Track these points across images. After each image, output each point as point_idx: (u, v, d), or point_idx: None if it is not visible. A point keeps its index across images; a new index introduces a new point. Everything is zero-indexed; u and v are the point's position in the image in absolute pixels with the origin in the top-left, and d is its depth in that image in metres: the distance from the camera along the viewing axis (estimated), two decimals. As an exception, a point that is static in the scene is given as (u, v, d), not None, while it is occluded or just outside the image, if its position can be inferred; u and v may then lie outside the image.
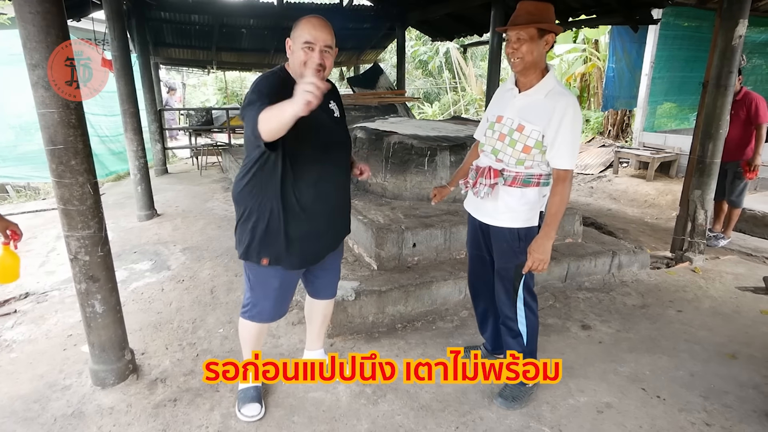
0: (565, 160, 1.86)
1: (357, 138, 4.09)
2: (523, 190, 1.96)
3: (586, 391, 2.27)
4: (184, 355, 2.56)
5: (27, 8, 1.73)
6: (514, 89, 1.96)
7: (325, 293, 2.23)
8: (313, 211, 1.85)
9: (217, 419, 2.07)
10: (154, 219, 5.09)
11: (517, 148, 1.90)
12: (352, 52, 11.30)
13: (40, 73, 1.78)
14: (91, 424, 2.01)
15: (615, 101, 9.45)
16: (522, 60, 1.82)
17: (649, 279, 3.61)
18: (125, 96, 4.86)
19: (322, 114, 1.82)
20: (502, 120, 1.96)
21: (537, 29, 1.79)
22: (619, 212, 6.14)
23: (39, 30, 1.75)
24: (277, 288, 1.96)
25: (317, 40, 1.71)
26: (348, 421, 2.08)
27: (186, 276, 3.56)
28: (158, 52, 9.55)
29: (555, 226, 1.91)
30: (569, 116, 1.82)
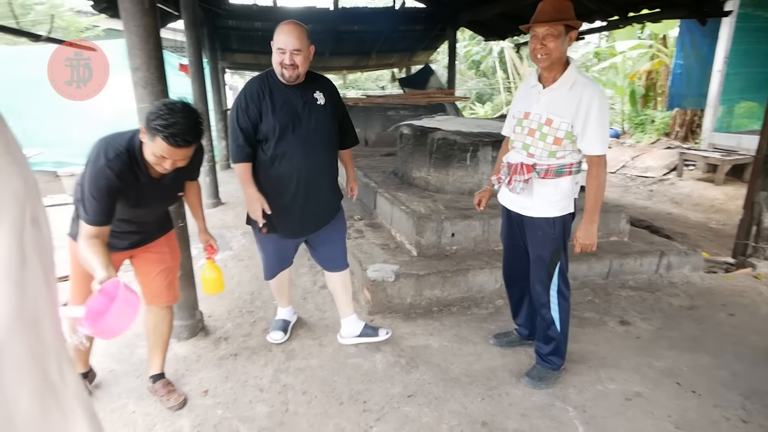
0: (597, 147, 1.98)
1: (403, 134, 4.32)
2: (556, 180, 2.08)
3: (616, 380, 2.36)
4: (243, 320, 2.92)
5: (132, 22, 2.11)
6: (537, 85, 2.08)
7: (332, 266, 2.57)
8: (281, 195, 2.25)
9: (270, 373, 2.39)
10: (219, 207, 5.61)
11: (548, 141, 2.02)
12: (404, 53, 11.53)
13: (140, 74, 2.16)
14: (169, 367, 2.38)
15: (682, 100, 8.98)
16: (549, 56, 1.94)
17: (702, 282, 3.55)
18: (198, 96, 5.37)
19: (299, 104, 2.21)
20: (530, 116, 2.08)
21: (564, 26, 1.90)
22: (680, 216, 5.94)
23: (140, 39, 2.13)
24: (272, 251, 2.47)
25: (287, 45, 2.10)
26: (382, 384, 2.32)
27: (245, 256, 3.97)
28: (225, 57, 10.24)
29: (597, 210, 2.05)
30: (596, 105, 1.92)
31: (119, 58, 6.50)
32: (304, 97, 2.22)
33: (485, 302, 3.15)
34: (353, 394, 2.25)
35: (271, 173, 2.23)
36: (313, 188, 2.30)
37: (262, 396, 2.24)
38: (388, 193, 3.90)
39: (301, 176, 2.24)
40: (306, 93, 2.23)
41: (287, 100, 2.18)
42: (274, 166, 2.21)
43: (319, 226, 2.42)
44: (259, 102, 2.16)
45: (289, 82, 2.17)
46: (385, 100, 8.32)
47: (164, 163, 1.74)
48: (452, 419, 2.08)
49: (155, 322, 2.22)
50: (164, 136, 1.64)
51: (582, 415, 2.11)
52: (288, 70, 2.12)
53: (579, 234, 2.08)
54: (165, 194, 2.00)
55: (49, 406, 1.12)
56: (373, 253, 3.36)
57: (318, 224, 2.42)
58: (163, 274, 2.17)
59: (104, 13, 5.87)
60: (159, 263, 2.16)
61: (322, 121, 2.27)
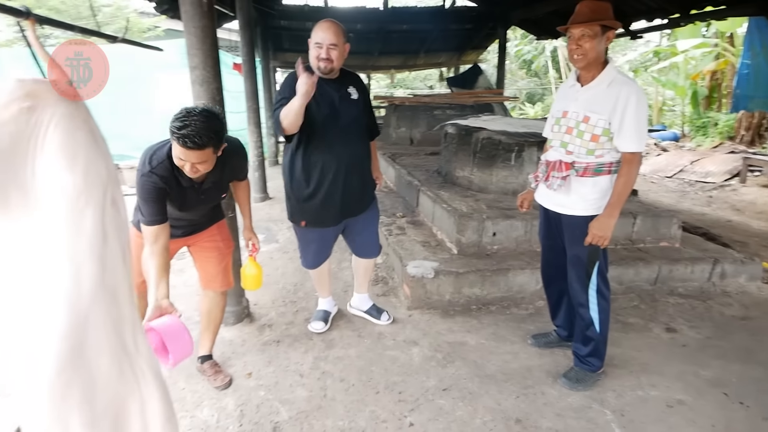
0: (632, 144, 1.96)
1: (447, 133, 4.34)
2: (595, 179, 2.07)
3: (657, 386, 2.30)
4: (287, 309, 3.04)
5: (191, 23, 2.26)
6: (576, 85, 2.09)
7: (363, 253, 2.75)
8: (321, 181, 2.36)
9: (310, 360, 2.50)
10: (267, 201, 5.83)
11: (585, 138, 2.02)
12: (453, 53, 11.46)
13: (197, 72, 2.31)
14: (216, 350, 2.52)
15: (748, 101, 8.44)
16: (585, 56, 1.95)
17: (759, 293, 3.37)
18: (250, 94, 5.61)
19: (336, 98, 2.32)
20: (568, 114, 2.09)
21: (600, 26, 1.91)
22: (741, 224, 5.61)
23: (198, 39, 2.28)
24: (313, 242, 2.57)
25: (324, 40, 2.22)
26: (418, 376, 2.36)
27: (291, 248, 4.11)
28: (276, 56, 10.56)
29: (619, 206, 2.03)
30: (633, 102, 1.92)
31: (177, 57, 6.91)
32: (340, 92, 2.35)
33: (525, 303, 3.13)
34: (389, 385, 2.31)
35: (312, 163, 2.35)
36: (351, 177, 2.42)
37: (302, 381, 2.34)
38: (431, 192, 3.93)
39: (341, 166, 2.36)
40: (341, 88, 2.37)
41: (325, 94, 2.29)
42: (316, 156, 2.34)
43: (356, 213, 2.55)
44: None
45: (323, 74, 2.28)
46: (431, 99, 8.32)
47: (184, 166, 1.80)
48: (486, 414, 2.10)
49: (209, 307, 2.36)
50: (176, 138, 1.71)
51: (620, 419, 2.07)
52: (323, 63, 2.25)
53: (593, 224, 2.05)
54: (207, 197, 2.11)
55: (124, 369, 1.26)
56: (414, 249, 3.40)
57: (355, 211, 2.54)
58: (216, 260, 2.31)
59: (165, 14, 6.20)
60: (213, 250, 2.29)
61: (356, 114, 2.40)
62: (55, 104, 1.05)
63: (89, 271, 1.07)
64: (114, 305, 1.14)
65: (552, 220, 2.30)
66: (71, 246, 1.05)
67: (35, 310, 1.04)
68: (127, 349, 1.18)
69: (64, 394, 1.06)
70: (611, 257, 3.29)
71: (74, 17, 10.77)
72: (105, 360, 1.12)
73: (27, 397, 1.08)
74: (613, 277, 3.25)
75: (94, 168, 1.10)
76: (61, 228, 1.05)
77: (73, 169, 1.06)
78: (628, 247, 3.51)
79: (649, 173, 8.67)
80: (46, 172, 1.04)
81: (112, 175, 1.16)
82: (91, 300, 1.08)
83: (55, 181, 1.04)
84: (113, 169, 1.17)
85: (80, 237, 1.06)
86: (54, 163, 1.04)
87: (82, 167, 1.07)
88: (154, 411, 1.24)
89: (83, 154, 1.08)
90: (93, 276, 1.08)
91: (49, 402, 1.06)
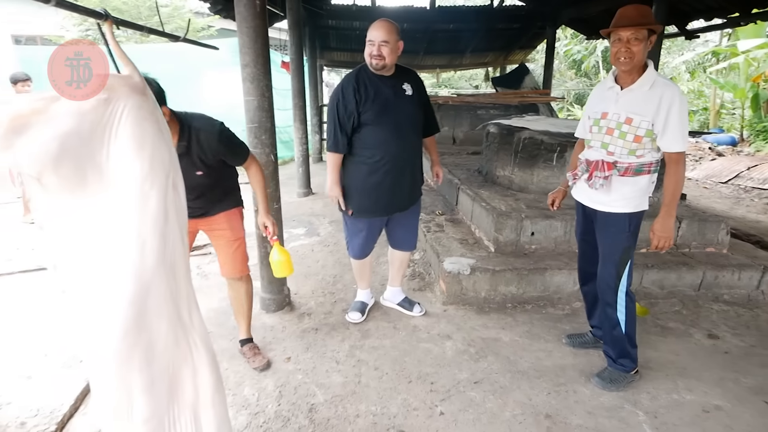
0: (676, 144, 1.99)
1: (489, 133, 4.34)
2: (635, 178, 2.09)
3: (694, 391, 2.26)
4: (325, 299, 3.16)
5: (244, 24, 2.41)
6: (615, 87, 2.09)
7: (402, 246, 2.86)
8: (373, 174, 2.49)
9: (346, 348, 2.60)
10: (310, 196, 6.02)
11: (628, 139, 2.03)
12: (499, 52, 11.34)
13: (249, 70, 2.46)
14: (258, 334, 2.68)
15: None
16: (632, 60, 1.96)
17: (812, 304, 3.23)
18: (296, 92, 5.80)
19: (390, 94, 2.44)
20: (608, 116, 2.10)
21: (647, 30, 1.92)
22: (799, 234, 5.33)
23: (250, 39, 2.43)
24: (360, 231, 2.67)
25: (376, 38, 2.35)
26: (450, 369, 2.42)
27: (331, 242, 4.25)
28: (323, 55, 10.80)
29: (675, 206, 2.07)
30: (676, 104, 1.94)
31: (228, 55, 7.20)
32: (394, 88, 2.47)
33: (562, 303, 3.11)
34: (422, 375, 2.38)
35: (366, 157, 2.49)
36: (402, 171, 2.54)
37: (338, 367, 2.45)
38: (471, 190, 3.96)
39: (393, 160, 2.49)
40: (396, 84, 2.48)
41: (380, 91, 2.43)
42: (370, 150, 2.48)
43: (403, 207, 2.66)
44: (356, 94, 2.41)
45: (376, 70, 2.42)
46: (475, 99, 8.30)
47: None
48: (516, 408, 2.13)
49: (233, 294, 2.49)
50: None
51: (652, 421, 2.05)
52: (375, 59, 2.37)
53: (656, 227, 2.09)
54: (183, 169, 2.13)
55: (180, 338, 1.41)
56: (451, 246, 3.45)
57: (402, 205, 2.65)
58: (223, 248, 2.37)
59: (218, 14, 6.49)
60: (220, 238, 2.36)
61: (409, 110, 2.50)
62: (127, 97, 1.19)
63: (153, 246, 1.21)
64: (173, 279, 1.27)
65: (588, 216, 2.31)
66: (138, 223, 1.19)
67: (106, 277, 1.18)
68: (182, 320, 1.32)
69: (128, 356, 1.20)
70: (653, 260, 3.24)
71: (134, 16, 11.40)
72: (163, 327, 1.26)
73: (96, 358, 1.23)
74: (654, 281, 3.20)
75: (158, 155, 1.24)
76: (130, 207, 1.19)
77: (141, 155, 1.20)
78: (671, 252, 3.41)
79: (702, 178, 8.30)
80: (119, 157, 1.18)
81: (174, 161, 1.30)
82: (153, 272, 1.21)
83: (125, 166, 1.18)
84: (174, 156, 1.31)
85: (146, 216, 1.20)
86: (125, 149, 1.18)
87: (149, 154, 1.21)
88: (205, 380, 1.37)
89: (150, 142, 1.22)
90: (156, 251, 1.21)
91: (115, 362, 1.20)
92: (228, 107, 7.91)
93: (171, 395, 1.30)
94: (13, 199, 5.89)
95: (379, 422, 2.05)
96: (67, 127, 1.11)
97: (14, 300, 3.19)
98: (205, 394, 1.36)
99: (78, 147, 1.13)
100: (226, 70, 7.58)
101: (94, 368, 1.26)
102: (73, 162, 1.13)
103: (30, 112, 1.10)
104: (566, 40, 16.85)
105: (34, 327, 2.79)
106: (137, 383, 1.23)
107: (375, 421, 2.06)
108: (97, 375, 1.26)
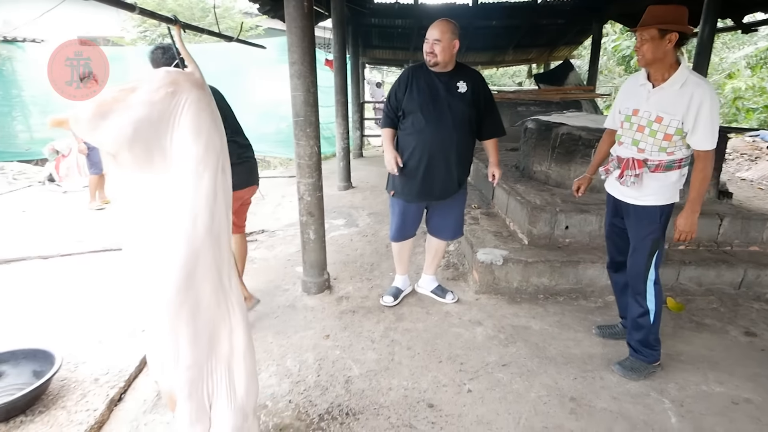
0: (705, 143, 2.03)
1: (527, 128, 4.39)
2: (666, 174, 2.15)
3: (725, 384, 2.28)
4: (363, 285, 3.34)
5: (293, 24, 2.60)
6: (647, 84, 2.13)
7: (439, 234, 2.98)
8: (410, 160, 2.65)
9: (381, 329, 2.76)
10: (350, 190, 6.22)
11: (658, 137, 2.09)
12: (543, 48, 11.16)
13: (296, 67, 2.66)
14: (300, 313, 2.89)
15: None
16: (643, 57, 2.05)
17: None
18: (339, 88, 6.00)
19: (441, 89, 2.60)
20: (639, 113, 2.15)
21: (658, 30, 1.97)
22: None
23: (298, 38, 2.62)
24: (398, 213, 2.84)
25: (430, 36, 2.53)
26: (480, 352, 2.53)
27: (369, 232, 4.43)
28: (366, 53, 11.00)
29: (700, 201, 2.12)
30: (707, 103, 1.97)
31: (275, 53, 7.51)
32: (447, 85, 2.62)
33: (594, 296, 3.15)
34: (452, 356, 2.50)
35: (405, 142, 2.69)
36: (436, 163, 2.66)
37: (373, 346, 2.61)
38: (506, 185, 4.02)
39: (428, 148, 2.63)
40: (450, 80, 2.62)
41: (430, 85, 2.61)
42: (409, 136, 2.66)
43: (437, 197, 2.78)
44: (406, 85, 2.64)
45: (430, 67, 2.60)
46: (516, 95, 8.25)
47: None
48: (541, 390, 2.23)
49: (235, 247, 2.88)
50: None
51: (678, 409, 2.10)
52: (428, 56, 2.55)
53: (680, 221, 2.15)
54: None
55: (220, 300, 1.63)
56: (485, 238, 3.54)
57: (436, 195, 2.76)
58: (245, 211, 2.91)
59: (266, 14, 6.76)
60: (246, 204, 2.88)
61: (457, 106, 2.62)
62: (189, 90, 1.40)
63: (203, 219, 1.41)
64: (218, 248, 1.48)
65: (619, 208, 2.36)
66: (192, 199, 1.40)
67: (163, 243, 1.39)
68: (223, 285, 1.52)
69: (178, 311, 1.41)
70: (691, 257, 3.22)
71: (188, 18, 11.97)
72: (207, 289, 1.46)
73: (152, 311, 1.45)
74: (692, 277, 3.18)
75: (212, 142, 1.44)
76: (186, 185, 1.40)
77: (198, 141, 1.40)
78: (711, 249, 3.37)
79: (758, 179, 7.91)
80: (179, 142, 1.39)
81: (224, 148, 1.50)
82: (202, 241, 1.42)
83: (184, 150, 1.39)
84: (225, 143, 1.51)
85: (198, 193, 1.41)
86: (185, 136, 1.39)
87: (204, 141, 1.41)
88: (239, 338, 1.57)
89: (206, 131, 1.42)
90: (205, 223, 1.42)
91: (167, 314, 1.42)
92: (274, 103, 8.28)
93: (210, 348, 1.50)
94: (80, 188, 6.41)
95: (409, 395, 2.20)
96: (140, 114, 1.32)
97: (85, 276, 3.54)
98: (239, 350, 1.56)
99: (148, 131, 1.34)
100: (273, 68, 7.92)
101: (150, 321, 1.48)
102: (144, 144, 1.34)
103: (112, 101, 1.32)
104: (614, 35, 16.30)
105: (102, 300, 3.11)
106: (183, 335, 1.44)
107: (406, 395, 2.20)
108: (152, 326, 1.48)
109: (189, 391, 1.48)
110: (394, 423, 2.02)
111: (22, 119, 8.36)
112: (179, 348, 1.44)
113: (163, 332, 1.44)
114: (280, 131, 8.32)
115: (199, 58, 1.59)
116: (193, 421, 1.50)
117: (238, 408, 1.57)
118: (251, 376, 1.61)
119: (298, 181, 2.93)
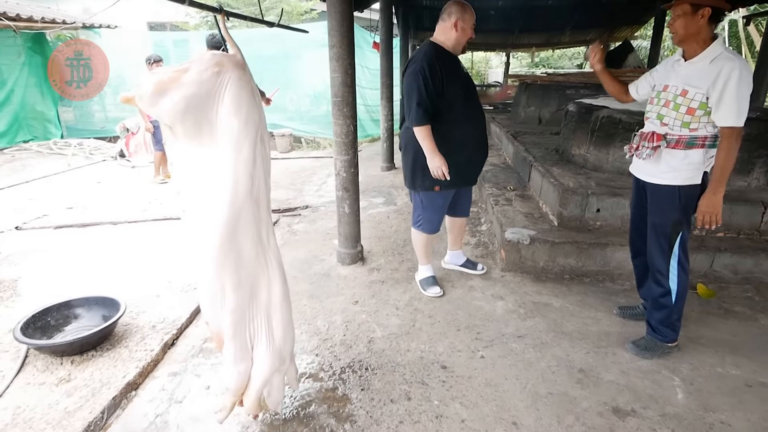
0: (730, 118, 1.97)
1: (568, 111, 4.35)
2: (686, 151, 2.12)
3: (742, 368, 2.28)
4: (394, 258, 3.53)
5: (333, 9, 2.79)
6: (680, 60, 2.12)
7: (461, 212, 3.10)
8: (464, 146, 2.67)
9: (406, 299, 2.96)
10: (392, 170, 6.41)
11: (681, 111, 2.07)
12: (603, 29, 10.67)
13: (335, 50, 2.85)
14: (333, 281, 3.13)
15: None
16: (676, 34, 2.03)
17: None
18: (384, 71, 6.14)
19: (462, 72, 2.63)
20: (668, 88, 2.14)
21: (691, 5, 1.95)
22: None
23: (338, 22, 2.80)
24: (440, 206, 2.86)
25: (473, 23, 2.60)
26: (497, 324, 2.66)
27: (405, 211, 4.61)
28: (417, 35, 10.98)
29: (723, 181, 2.06)
30: (735, 77, 1.92)
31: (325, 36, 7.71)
32: (464, 68, 2.71)
33: (622, 279, 3.17)
34: (470, 326, 2.65)
35: (456, 132, 2.61)
36: (481, 147, 2.80)
37: (397, 312, 2.80)
38: (542, 167, 4.05)
39: (477, 133, 2.74)
40: (461, 64, 2.70)
41: (457, 70, 2.63)
42: (459, 126, 2.63)
43: (476, 180, 2.94)
44: (439, 71, 2.48)
45: (460, 53, 2.67)
46: (565, 78, 8.04)
47: None
48: (552, 361, 2.33)
49: None
50: None
51: (687, 387, 2.14)
52: (466, 42, 2.62)
53: (702, 202, 2.12)
54: None
55: (259, 254, 1.89)
56: (516, 219, 3.61)
57: (475, 178, 2.92)
58: None
59: (320, -2, 6.98)
60: None
61: (474, 88, 2.74)
62: (232, 70, 1.61)
63: (243, 183, 1.64)
64: (257, 209, 1.70)
65: (642, 189, 2.38)
66: (234, 166, 1.62)
67: (210, 204, 1.63)
68: (262, 241, 1.74)
69: (223, 262, 1.65)
70: (728, 244, 3.16)
71: (240, 4, 12.40)
72: (248, 244, 1.69)
73: (202, 262, 1.70)
74: (727, 265, 3.12)
75: (251, 115, 1.65)
76: (228, 153, 1.62)
77: (238, 115, 1.62)
78: (752, 237, 3.27)
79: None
80: (223, 116, 1.61)
81: (263, 120, 1.71)
82: (243, 202, 1.64)
83: (227, 122, 1.61)
84: (263, 116, 1.72)
85: (239, 160, 1.63)
86: (227, 110, 1.61)
87: (244, 114, 1.63)
88: (277, 289, 1.80)
89: (245, 105, 1.63)
90: (245, 187, 1.64)
91: (213, 265, 1.66)
92: (325, 86, 8.53)
93: (251, 296, 1.73)
94: (146, 163, 6.99)
95: (425, 357, 2.38)
96: (191, 91, 1.55)
97: (147, 241, 3.97)
98: (276, 299, 1.79)
99: (197, 106, 1.57)
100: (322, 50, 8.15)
101: (201, 271, 1.74)
102: (194, 117, 1.58)
103: (168, 80, 1.56)
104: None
105: (161, 261, 3.50)
106: (228, 282, 1.67)
107: (422, 356, 2.39)
108: (203, 276, 1.74)
109: (233, 332, 1.72)
110: (407, 379, 2.21)
111: (98, 99, 9.14)
112: (225, 294, 1.69)
113: (211, 280, 1.69)
114: (329, 113, 8.58)
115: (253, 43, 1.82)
116: (237, 360, 1.75)
117: (276, 351, 1.80)
118: (288, 323, 1.83)
119: (335, 158, 3.14)
